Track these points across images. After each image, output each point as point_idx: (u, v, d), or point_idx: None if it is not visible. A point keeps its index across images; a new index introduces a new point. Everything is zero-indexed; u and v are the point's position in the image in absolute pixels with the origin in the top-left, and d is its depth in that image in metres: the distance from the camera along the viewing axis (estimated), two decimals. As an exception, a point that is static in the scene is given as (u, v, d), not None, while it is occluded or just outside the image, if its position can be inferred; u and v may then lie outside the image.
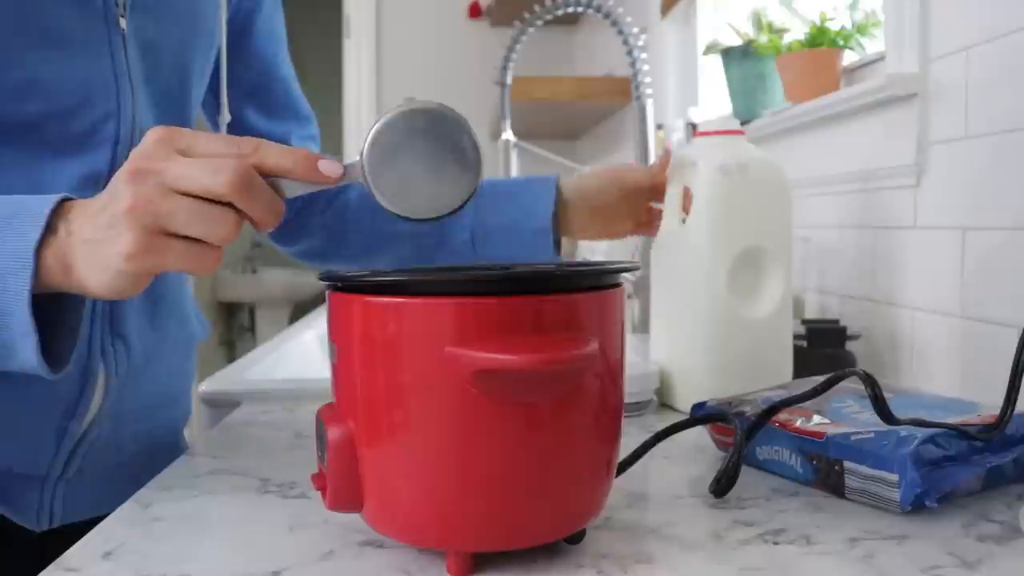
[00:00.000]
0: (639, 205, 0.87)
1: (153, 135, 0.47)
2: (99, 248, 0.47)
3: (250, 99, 0.87)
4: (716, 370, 0.77)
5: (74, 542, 0.48)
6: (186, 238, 0.46)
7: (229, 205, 0.46)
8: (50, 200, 0.49)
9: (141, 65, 0.67)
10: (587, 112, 2.40)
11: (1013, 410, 0.54)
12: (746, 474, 0.58)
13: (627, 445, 0.54)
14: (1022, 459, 0.55)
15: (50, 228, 0.48)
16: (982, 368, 0.78)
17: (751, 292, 0.79)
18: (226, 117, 0.79)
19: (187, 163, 0.46)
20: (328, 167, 0.47)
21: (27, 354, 0.49)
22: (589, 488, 0.45)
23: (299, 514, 0.52)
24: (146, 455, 0.75)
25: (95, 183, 0.63)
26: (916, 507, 0.49)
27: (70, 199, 0.50)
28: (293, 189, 0.49)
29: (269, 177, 0.48)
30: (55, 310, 0.52)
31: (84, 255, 0.48)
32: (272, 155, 0.47)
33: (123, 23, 0.64)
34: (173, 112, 0.72)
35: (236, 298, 4.36)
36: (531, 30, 1.35)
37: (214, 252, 0.47)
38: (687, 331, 0.80)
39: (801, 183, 1.17)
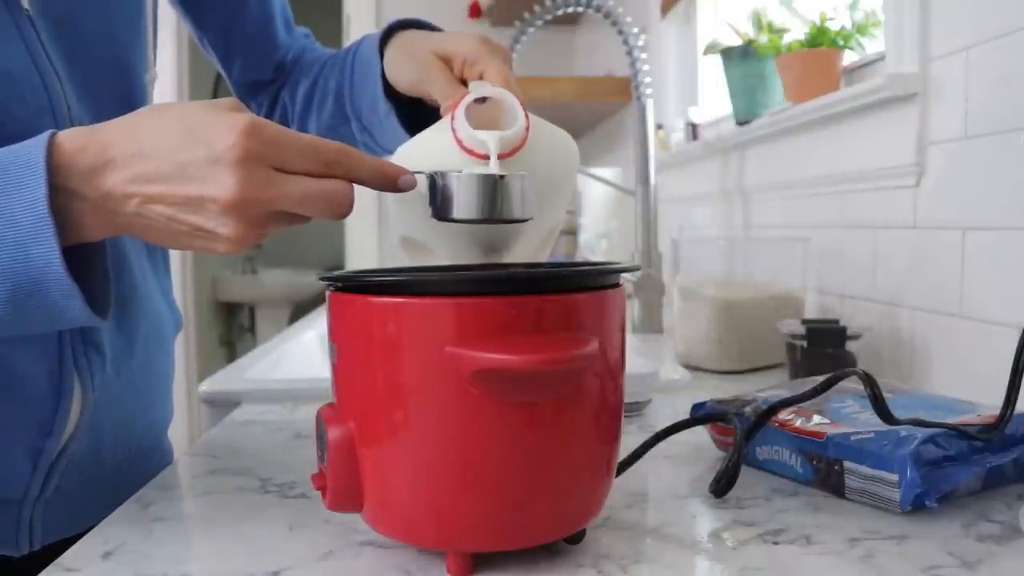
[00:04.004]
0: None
1: (245, 143, 0.44)
2: (195, 241, 0.47)
3: (226, 32, 0.81)
4: None
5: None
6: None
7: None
8: (40, 145, 0.45)
9: (59, 46, 0.61)
10: (587, 112, 2.40)
11: (1013, 410, 0.54)
12: (746, 474, 0.58)
13: (627, 445, 0.54)
14: (1022, 459, 0.55)
15: (70, 189, 0.45)
16: (982, 368, 0.78)
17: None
18: (154, 75, 0.73)
19: (300, 197, 0.46)
20: (406, 182, 0.49)
21: (74, 313, 0.47)
22: (589, 488, 0.45)
23: (299, 514, 0.52)
24: (128, 463, 0.71)
25: None
26: (916, 507, 0.49)
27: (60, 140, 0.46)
28: None
29: None
30: (73, 254, 0.49)
31: (164, 240, 0.48)
32: (364, 173, 0.48)
33: (24, 1, 0.58)
34: (115, 95, 0.65)
35: (236, 298, 4.36)
36: (531, 30, 1.36)
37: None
38: None
39: (801, 183, 1.17)
